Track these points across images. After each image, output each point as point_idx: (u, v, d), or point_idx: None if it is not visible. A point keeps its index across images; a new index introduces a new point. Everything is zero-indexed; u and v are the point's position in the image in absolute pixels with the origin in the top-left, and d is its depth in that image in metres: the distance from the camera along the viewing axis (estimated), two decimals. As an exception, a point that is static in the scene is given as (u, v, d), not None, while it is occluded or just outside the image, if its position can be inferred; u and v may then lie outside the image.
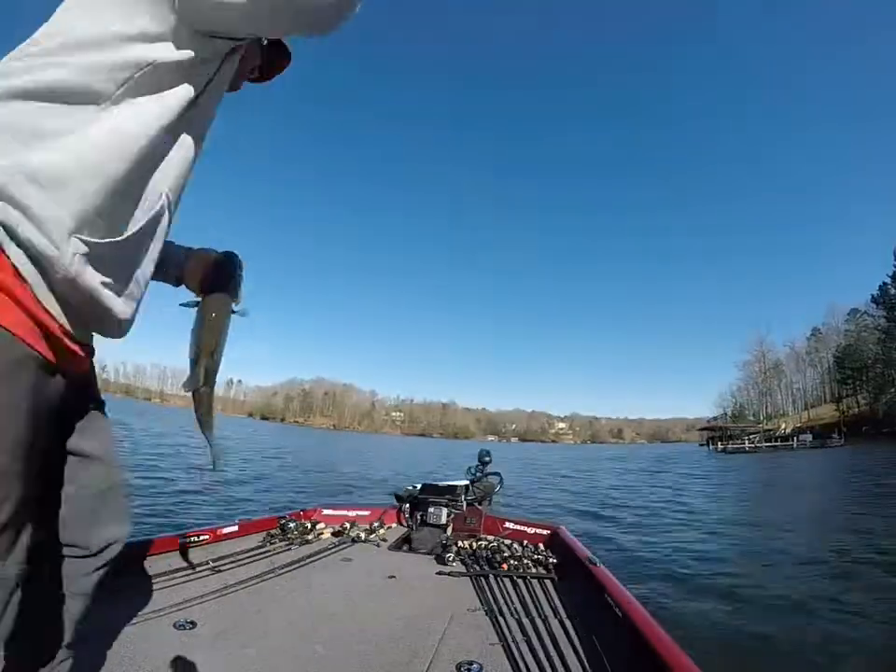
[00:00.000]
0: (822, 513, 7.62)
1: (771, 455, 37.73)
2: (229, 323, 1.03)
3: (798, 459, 28.05)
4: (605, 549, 4.87)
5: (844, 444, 41.42)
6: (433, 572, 2.22)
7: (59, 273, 0.64)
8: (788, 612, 3.16)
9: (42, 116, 0.63)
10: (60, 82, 0.63)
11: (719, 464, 25.59)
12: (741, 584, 3.75)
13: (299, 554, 2.33)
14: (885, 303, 51.02)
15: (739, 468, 21.77)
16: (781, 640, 2.75)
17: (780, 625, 2.94)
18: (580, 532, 5.63)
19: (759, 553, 4.75)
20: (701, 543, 5.23)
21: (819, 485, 12.91)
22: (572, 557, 2.20)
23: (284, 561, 2.23)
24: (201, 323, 0.99)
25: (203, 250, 1.09)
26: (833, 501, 9.22)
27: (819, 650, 2.64)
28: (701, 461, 28.66)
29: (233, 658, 1.38)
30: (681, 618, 3.02)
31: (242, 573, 2.07)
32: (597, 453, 49.99)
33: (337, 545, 2.54)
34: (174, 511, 5.79)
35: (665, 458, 34.09)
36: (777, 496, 10.96)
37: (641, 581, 3.78)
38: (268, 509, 5.52)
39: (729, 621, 3.02)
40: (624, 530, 5.97)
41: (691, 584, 3.73)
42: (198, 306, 1.02)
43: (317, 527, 2.69)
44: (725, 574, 4.04)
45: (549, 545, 2.53)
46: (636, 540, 5.33)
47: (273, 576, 2.09)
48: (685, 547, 4.99)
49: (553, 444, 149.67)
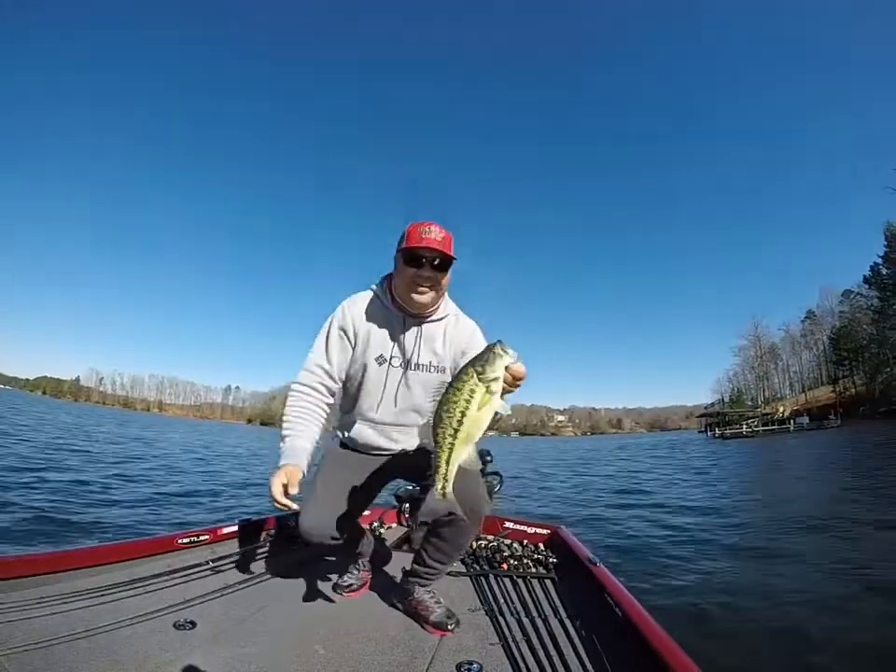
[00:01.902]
0: (819, 498, 7.61)
1: (769, 438, 37.84)
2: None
3: (795, 442, 28.11)
4: (605, 546, 4.85)
5: (841, 425, 41.48)
6: None
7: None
8: (796, 607, 3.07)
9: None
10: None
11: (714, 450, 25.55)
12: (747, 580, 3.63)
13: (298, 555, 2.34)
14: (877, 284, 51.00)
15: (732, 454, 21.69)
16: (790, 639, 2.67)
17: (789, 622, 2.84)
18: (579, 529, 5.67)
19: (764, 547, 4.67)
20: (702, 537, 5.18)
21: (817, 467, 12.95)
22: (572, 557, 2.21)
23: (284, 561, 2.24)
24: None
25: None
26: (831, 484, 9.25)
27: (825, 647, 2.55)
28: (694, 449, 28.58)
29: (234, 658, 1.39)
30: (683, 618, 2.96)
31: (242, 573, 2.09)
32: (596, 444, 49.92)
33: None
34: (172, 511, 5.78)
35: (657, 446, 34.06)
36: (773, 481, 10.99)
37: (642, 579, 3.74)
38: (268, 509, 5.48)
39: (734, 620, 2.95)
40: (624, 526, 5.96)
41: (694, 583, 3.65)
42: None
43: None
44: (729, 570, 3.94)
45: (549, 545, 2.53)
46: (635, 537, 5.30)
47: (272, 576, 2.10)
48: (686, 543, 4.93)
49: (553, 437, 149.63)
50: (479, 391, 1.16)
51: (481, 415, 1.17)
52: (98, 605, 1.62)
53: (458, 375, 1.20)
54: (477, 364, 1.19)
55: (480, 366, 1.18)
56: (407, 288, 1.67)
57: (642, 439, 64.33)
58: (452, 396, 1.19)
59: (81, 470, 8.07)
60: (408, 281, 1.65)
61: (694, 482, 10.91)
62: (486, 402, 1.17)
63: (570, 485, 10.81)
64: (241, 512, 5.91)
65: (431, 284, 1.65)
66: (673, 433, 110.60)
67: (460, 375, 1.20)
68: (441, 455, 1.22)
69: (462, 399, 1.17)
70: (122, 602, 1.67)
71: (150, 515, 5.42)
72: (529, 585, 2.07)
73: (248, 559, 2.23)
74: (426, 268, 1.62)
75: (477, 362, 1.19)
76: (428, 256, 1.62)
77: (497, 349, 1.19)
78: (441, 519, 1.57)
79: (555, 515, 6.84)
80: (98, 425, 27.92)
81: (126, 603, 1.67)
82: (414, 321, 1.76)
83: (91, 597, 1.65)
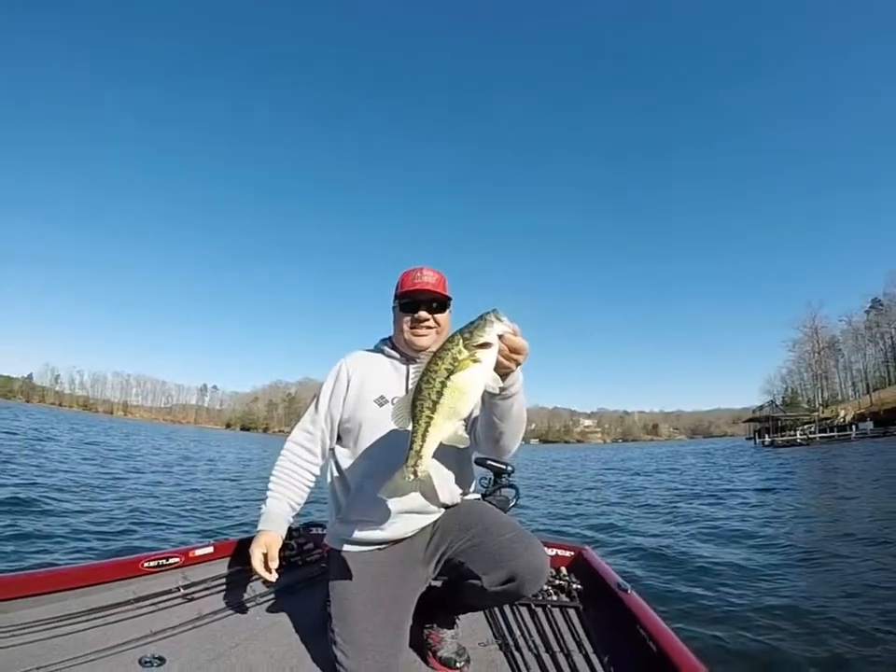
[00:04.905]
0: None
1: (827, 447, 37.61)
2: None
3: (859, 451, 27.82)
4: (636, 570, 4.83)
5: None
6: None
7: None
8: (860, 662, 3.01)
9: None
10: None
11: (761, 461, 25.40)
12: (800, 619, 3.54)
13: (284, 580, 2.33)
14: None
15: (784, 465, 21.44)
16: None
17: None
18: (606, 550, 5.65)
19: (825, 580, 4.58)
20: (749, 564, 5.11)
21: (881, 484, 12.76)
22: (599, 582, 2.19)
23: (266, 587, 2.23)
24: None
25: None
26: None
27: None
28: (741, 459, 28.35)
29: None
30: (725, 654, 2.94)
31: (217, 601, 2.08)
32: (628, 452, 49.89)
33: (327, 569, 2.54)
34: (136, 529, 5.80)
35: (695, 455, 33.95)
36: (836, 499, 10.86)
37: (679, 608, 3.70)
38: (247, 527, 5.54)
39: (784, 661, 2.93)
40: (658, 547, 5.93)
41: (739, 616, 3.60)
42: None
43: (305, 548, 2.69)
44: (780, 603, 3.89)
45: (572, 568, 2.50)
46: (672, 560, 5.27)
47: (253, 605, 2.09)
48: (729, 569, 4.88)
49: (579, 444, 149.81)
50: (463, 358, 1.15)
51: (464, 386, 1.16)
52: (51, 638, 1.61)
53: (443, 342, 1.20)
54: (465, 330, 1.19)
55: (468, 331, 1.18)
56: (407, 333, 1.79)
57: (685, 447, 63.94)
58: (433, 364, 1.19)
59: (28, 484, 8.11)
60: (407, 326, 1.79)
61: (743, 497, 10.86)
62: (470, 371, 1.16)
63: (598, 500, 10.83)
64: (216, 531, 5.94)
65: (430, 326, 1.79)
66: (717, 440, 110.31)
67: (445, 342, 1.20)
68: (417, 429, 1.21)
69: (443, 368, 1.17)
70: (80, 635, 1.66)
71: (112, 534, 5.45)
72: (550, 615, 2.06)
73: (225, 586, 2.22)
74: (422, 311, 1.77)
75: (465, 328, 1.19)
76: (424, 298, 1.78)
77: (490, 315, 1.19)
78: (499, 576, 1.52)
79: (579, 535, 6.85)
80: (51, 427, 28.34)
81: (84, 636, 1.66)
82: (417, 364, 1.78)
83: (43, 629, 1.64)
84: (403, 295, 1.81)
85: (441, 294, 1.80)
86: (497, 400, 1.39)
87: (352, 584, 1.64)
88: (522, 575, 1.46)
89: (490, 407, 1.45)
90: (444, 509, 1.75)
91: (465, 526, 1.64)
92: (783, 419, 58.57)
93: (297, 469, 1.82)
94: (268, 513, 1.75)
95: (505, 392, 1.35)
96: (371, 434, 1.74)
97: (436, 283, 1.80)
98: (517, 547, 1.50)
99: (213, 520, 6.92)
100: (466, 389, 1.16)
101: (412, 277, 1.81)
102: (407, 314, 1.79)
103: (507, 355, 1.21)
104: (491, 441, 1.58)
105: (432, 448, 1.22)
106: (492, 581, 1.51)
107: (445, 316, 1.84)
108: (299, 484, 1.81)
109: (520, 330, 1.23)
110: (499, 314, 1.19)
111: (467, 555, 1.59)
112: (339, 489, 1.82)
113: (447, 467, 1.73)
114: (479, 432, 1.62)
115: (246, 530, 4.65)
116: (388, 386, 1.79)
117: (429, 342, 1.79)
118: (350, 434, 1.79)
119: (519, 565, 1.47)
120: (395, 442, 1.58)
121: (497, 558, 1.50)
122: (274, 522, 1.73)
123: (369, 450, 1.74)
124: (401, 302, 1.81)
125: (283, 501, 1.77)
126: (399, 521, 1.68)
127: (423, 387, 1.19)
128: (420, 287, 1.78)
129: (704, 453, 37.22)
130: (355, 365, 1.87)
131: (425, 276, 1.80)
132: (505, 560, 1.49)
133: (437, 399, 1.17)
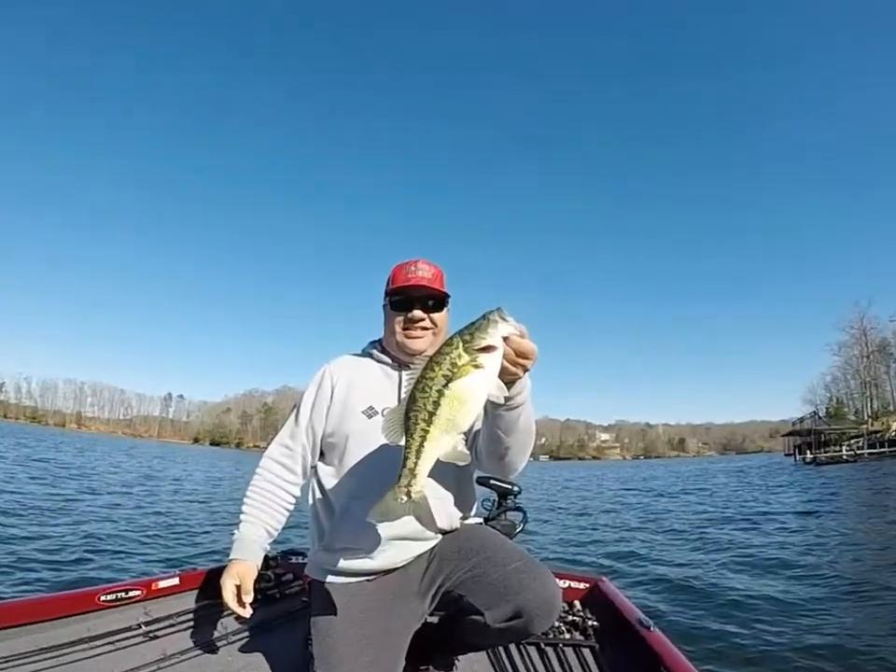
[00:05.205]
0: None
1: (877, 463, 37.62)
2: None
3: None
4: (660, 604, 4.84)
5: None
6: None
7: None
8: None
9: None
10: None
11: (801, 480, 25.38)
12: (850, 654, 3.60)
13: (259, 615, 2.33)
14: None
15: (827, 486, 21.34)
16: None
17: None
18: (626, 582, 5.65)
19: (877, 614, 4.60)
20: (785, 598, 5.13)
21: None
22: (618, 618, 2.19)
23: (239, 624, 2.23)
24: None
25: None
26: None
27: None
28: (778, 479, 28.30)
29: None
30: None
31: (184, 640, 2.08)
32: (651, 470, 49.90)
33: (309, 602, 2.54)
34: (92, 558, 5.79)
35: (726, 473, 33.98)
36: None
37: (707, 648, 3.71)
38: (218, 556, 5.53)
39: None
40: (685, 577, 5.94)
41: (773, 657, 3.64)
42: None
43: (284, 579, 2.69)
44: (825, 639, 3.90)
45: (587, 602, 2.50)
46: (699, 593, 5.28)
47: (224, 643, 2.09)
48: (762, 604, 4.91)
49: (596, 461, 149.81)
50: (463, 363, 1.13)
51: (464, 395, 1.13)
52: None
53: (441, 345, 1.17)
54: (465, 331, 1.16)
55: (468, 333, 1.15)
56: (400, 335, 1.76)
57: (715, 464, 63.88)
58: (429, 370, 1.15)
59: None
60: (400, 327, 1.76)
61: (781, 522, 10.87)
62: (471, 378, 1.12)
63: (616, 525, 10.84)
64: (183, 560, 5.94)
65: (426, 326, 1.76)
66: (751, 456, 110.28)
67: (442, 345, 1.17)
68: (411, 443, 1.18)
69: (440, 374, 1.13)
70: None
71: (64, 564, 5.45)
72: (562, 655, 2.06)
73: (193, 622, 2.22)
74: (417, 309, 1.74)
75: (466, 329, 1.16)
76: (418, 295, 1.75)
77: (494, 314, 1.16)
78: (504, 611, 1.50)
79: (596, 564, 6.86)
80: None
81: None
82: (411, 369, 1.76)
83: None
84: (395, 291, 1.78)
85: (437, 290, 1.77)
86: (502, 411, 1.37)
87: (336, 620, 1.61)
88: (530, 610, 1.44)
89: (494, 419, 1.42)
90: (442, 534, 1.73)
91: (465, 555, 1.61)
92: (827, 433, 58.65)
93: (274, 489, 1.78)
94: (241, 540, 1.71)
95: (511, 402, 1.32)
96: (358, 449, 1.72)
97: (432, 278, 1.77)
98: (524, 578, 1.47)
99: (179, 547, 6.93)
100: (466, 399, 1.13)
101: (405, 271, 1.78)
102: (399, 313, 1.76)
103: (513, 359, 1.18)
104: (495, 458, 1.56)
105: (428, 466, 1.19)
106: (496, 616, 1.48)
107: (443, 316, 1.81)
108: (276, 507, 1.77)
109: (527, 332, 1.21)
110: (504, 313, 1.16)
111: (467, 587, 1.57)
112: (322, 512, 1.80)
113: (445, 487, 1.71)
114: (481, 447, 1.59)
115: (217, 559, 4.64)
116: (378, 395, 1.77)
117: (425, 344, 1.76)
118: (335, 450, 1.77)
119: (527, 598, 1.44)
120: (385, 459, 1.54)
121: (502, 591, 1.48)
122: (249, 549, 1.69)
123: (356, 467, 1.71)
124: (393, 300, 1.79)
125: (258, 526, 1.73)
126: (390, 548, 1.66)
127: (417, 396, 1.16)
128: (414, 283, 1.75)
129: (737, 471, 37.30)
130: (340, 371, 1.84)
131: (419, 270, 1.77)
132: (511, 593, 1.46)
133: (433, 410, 1.14)
